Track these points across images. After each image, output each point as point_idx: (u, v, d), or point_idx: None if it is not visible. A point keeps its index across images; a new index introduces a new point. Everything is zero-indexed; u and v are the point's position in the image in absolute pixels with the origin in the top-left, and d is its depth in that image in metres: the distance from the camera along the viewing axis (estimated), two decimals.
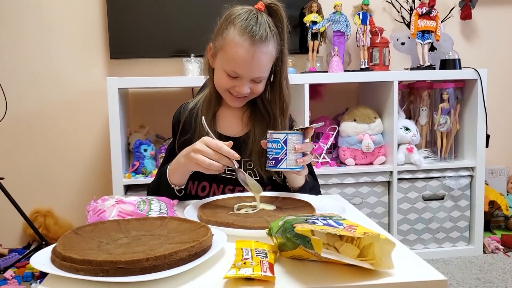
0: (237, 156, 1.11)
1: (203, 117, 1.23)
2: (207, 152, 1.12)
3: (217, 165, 1.12)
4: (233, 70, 1.24)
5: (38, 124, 2.78)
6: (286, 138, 1.12)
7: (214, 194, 1.36)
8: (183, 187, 1.28)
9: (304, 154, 1.16)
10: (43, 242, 2.49)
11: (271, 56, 1.26)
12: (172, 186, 1.26)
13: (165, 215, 1.03)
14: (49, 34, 2.74)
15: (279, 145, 1.12)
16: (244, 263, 0.75)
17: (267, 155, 1.15)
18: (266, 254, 0.79)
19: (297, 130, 1.15)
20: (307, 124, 2.46)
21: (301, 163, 1.14)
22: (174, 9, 2.69)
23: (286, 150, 1.12)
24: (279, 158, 1.13)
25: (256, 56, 1.22)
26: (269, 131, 1.15)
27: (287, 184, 1.31)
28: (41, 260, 0.80)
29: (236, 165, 1.13)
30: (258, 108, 1.37)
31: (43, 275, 2.26)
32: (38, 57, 2.75)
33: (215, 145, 1.11)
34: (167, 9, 2.69)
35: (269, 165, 1.15)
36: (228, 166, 1.14)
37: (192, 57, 2.56)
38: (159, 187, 1.30)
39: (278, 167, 1.13)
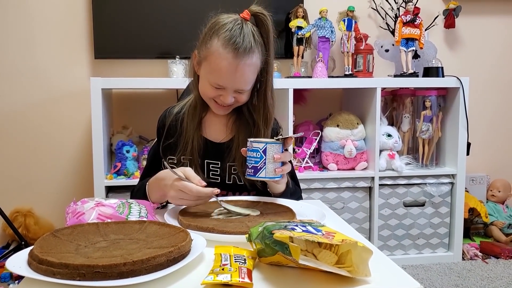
0: (217, 192, 1.10)
1: (163, 160, 1.22)
2: (184, 198, 1.11)
3: (199, 203, 1.13)
4: (217, 82, 1.23)
5: (20, 123, 2.74)
6: (266, 148, 1.13)
7: None
8: (164, 203, 1.29)
9: (283, 163, 1.17)
10: (23, 242, 2.46)
11: (255, 68, 1.25)
12: (153, 204, 1.25)
13: (144, 219, 1.03)
14: (32, 33, 2.71)
15: (258, 154, 1.13)
16: (223, 269, 0.75)
17: (247, 164, 1.16)
18: (244, 260, 0.79)
19: (276, 139, 1.15)
20: (291, 130, 2.48)
21: (279, 172, 1.15)
22: (160, 10, 2.68)
23: (265, 159, 1.13)
24: (258, 167, 1.13)
25: (239, 69, 1.21)
26: (249, 140, 1.16)
27: (268, 190, 1.32)
28: (17, 262, 0.79)
29: (218, 200, 1.14)
30: (243, 115, 1.37)
31: (21, 276, 2.23)
32: (20, 55, 2.71)
33: (189, 191, 1.09)
34: (153, 10, 2.68)
35: (248, 173, 1.15)
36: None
37: (177, 59, 2.55)
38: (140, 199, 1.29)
39: (256, 176, 1.14)
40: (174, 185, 1.11)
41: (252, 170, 1.14)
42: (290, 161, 1.46)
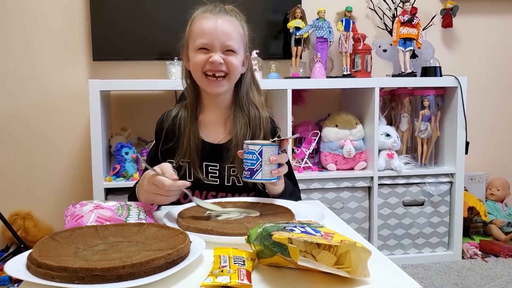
0: (187, 184, 1.12)
1: (138, 155, 1.24)
2: (156, 192, 1.12)
3: (171, 198, 1.13)
4: (202, 42, 1.29)
5: (19, 126, 2.74)
6: (261, 150, 1.13)
7: None
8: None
9: (280, 165, 1.17)
10: (22, 245, 2.45)
11: (236, 29, 1.32)
12: (152, 206, 1.26)
13: (143, 221, 1.03)
14: (30, 35, 2.71)
15: (255, 157, 1.13)
16: (222, 270, 0.75)
17: (243, 166, 1.16)
18: (244, 261, 0.79)
19: (272, 141, 1.15)
20: (290, 131, 2.48)
21: (276, 174, 1.15)
22: (159, 11, 2.68)
23: (261, 161, 1.13)
24: (254, 169, 1.13)
25: (219, 22, 1.28)
26: (245, 142, 1.16)
27: (266, 191, 1.32)
28: (16, 266, 0.79)
29: (189, 194, 1.15)
30: (239, 110, 1.38)
31: (20, 279, 2.22)
32: (18, 57, 2.71)
33: (162, 184, 1.09)
34: (152, 11, 2.68)
35: (245, 175, 1.16)
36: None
37: (175, 60, 2.55)
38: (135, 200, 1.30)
39: (253, 178, 1.14)
40: (149, 178, 1.12)
41: (249, 172, 1.14)
42: (288, 162, 1.46)
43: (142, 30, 2.68)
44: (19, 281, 2.27)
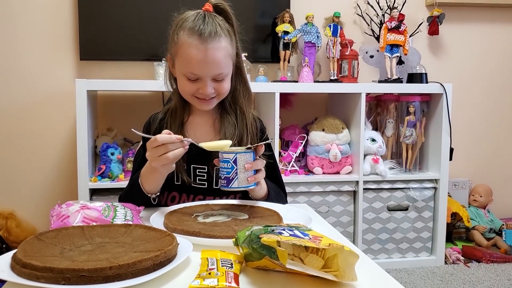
0: (180, 137, 1.12)
1: (132, 129, 1.22)
2: (158, 152, 1.11)
3: (176, 151, 1.12)
4: (191, 72, 1.24)
5: (3, 125, 2.70)
6: (236, 158, 1.12)
7: None
8: (158, 194, 1.28)
9: (256, 171, 1.17)
10: (4, 246, 2.42)
11: (226, 52, 1.25)
12: (148, 195, 1.26)
13: (130, 222, 1.02)
14: (16, 33, 2.68)
15: (229, 165, 1.13)
16: (209, 273, 0.75)
17: (220, 175, 1.15)
18: (231, 264, 0.79)
19: (247, 148, 1.15)
20: (277, 134, 2.48)
21: (252, 181, 1.15)
22: (147, 11, 2.66)
23: (236, 169, 1.12)
24: (230, 178, 1.13)
25: (208, 53, 1.21)
26: (220, 151, 1.15)
27: (250, 196, 1.32)
28: None
29: (188, 141, 1.15)
30: (225, 112, 1.37)
31: (1, 282, 2.18)
32: (3, 56, 2.68)
33: (156, 141, 1.10)
34: (140, 11, 2.66)
35: (222, 184, 1.15)
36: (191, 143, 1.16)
37: (163, 61, 2.54)
38: (133, 195, 1.28)
39: (230, 186, 1.14)
40: (147, 145, 1.13)
41: (225, 181, 1.14)
42: (276, 165, 1.46)
43: (130, 31, 2.67)
44: (2, 282, 2.24)
